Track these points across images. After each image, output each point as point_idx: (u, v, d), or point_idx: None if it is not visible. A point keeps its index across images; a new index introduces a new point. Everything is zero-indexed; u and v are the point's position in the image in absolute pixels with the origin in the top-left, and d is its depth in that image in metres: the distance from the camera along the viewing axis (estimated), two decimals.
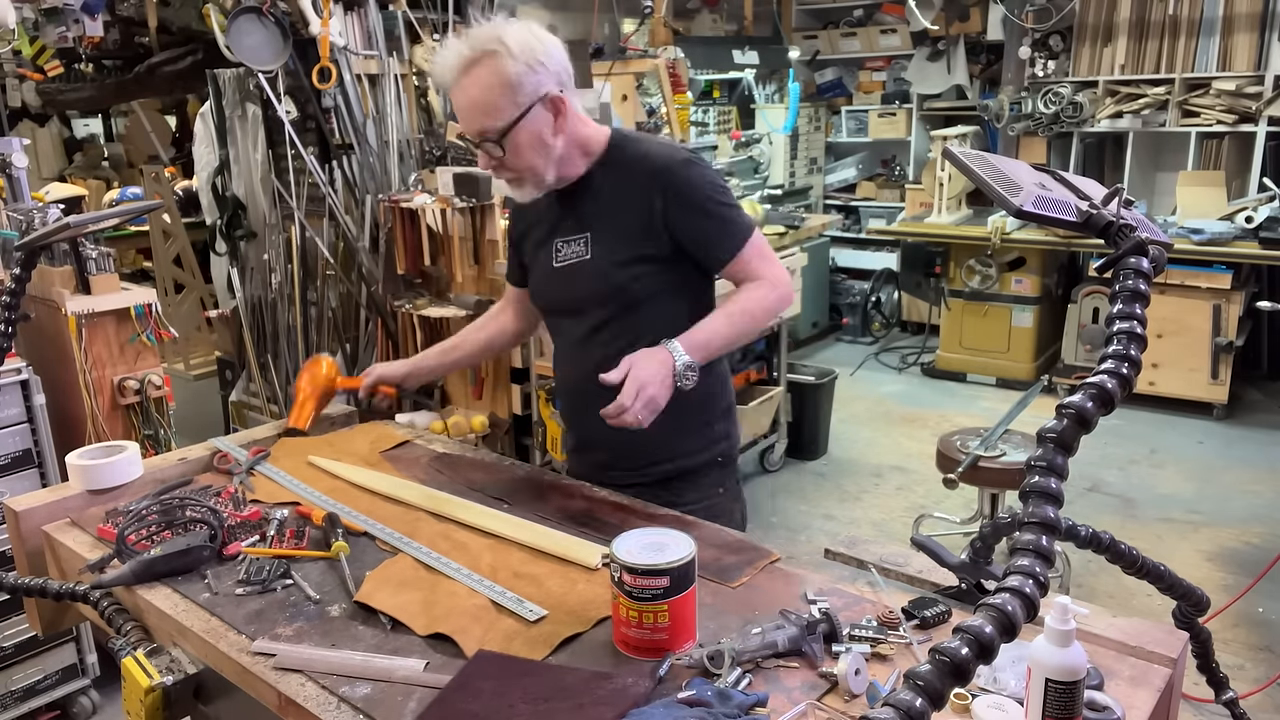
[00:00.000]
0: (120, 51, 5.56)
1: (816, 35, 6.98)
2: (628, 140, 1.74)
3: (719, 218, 1.67)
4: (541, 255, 1.78)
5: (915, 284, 6.32)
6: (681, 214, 1.65)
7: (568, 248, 1.74)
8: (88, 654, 2.75)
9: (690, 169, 1.66)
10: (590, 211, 1.71)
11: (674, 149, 1.71)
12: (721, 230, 1.67)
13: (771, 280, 1.68)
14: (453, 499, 1.65)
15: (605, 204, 1.70)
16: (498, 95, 1.58)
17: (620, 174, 1.69)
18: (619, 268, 1.68)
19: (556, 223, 1.76)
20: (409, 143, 3.84)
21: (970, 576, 1.29)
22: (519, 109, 1.59)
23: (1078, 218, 1.07)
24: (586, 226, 1.72)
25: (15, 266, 1.85)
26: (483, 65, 1.57)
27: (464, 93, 1.60)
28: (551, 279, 1.77)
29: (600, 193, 1.70)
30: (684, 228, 1.66)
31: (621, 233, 1.68)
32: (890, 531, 3.87)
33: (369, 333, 3.90)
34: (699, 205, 1.65)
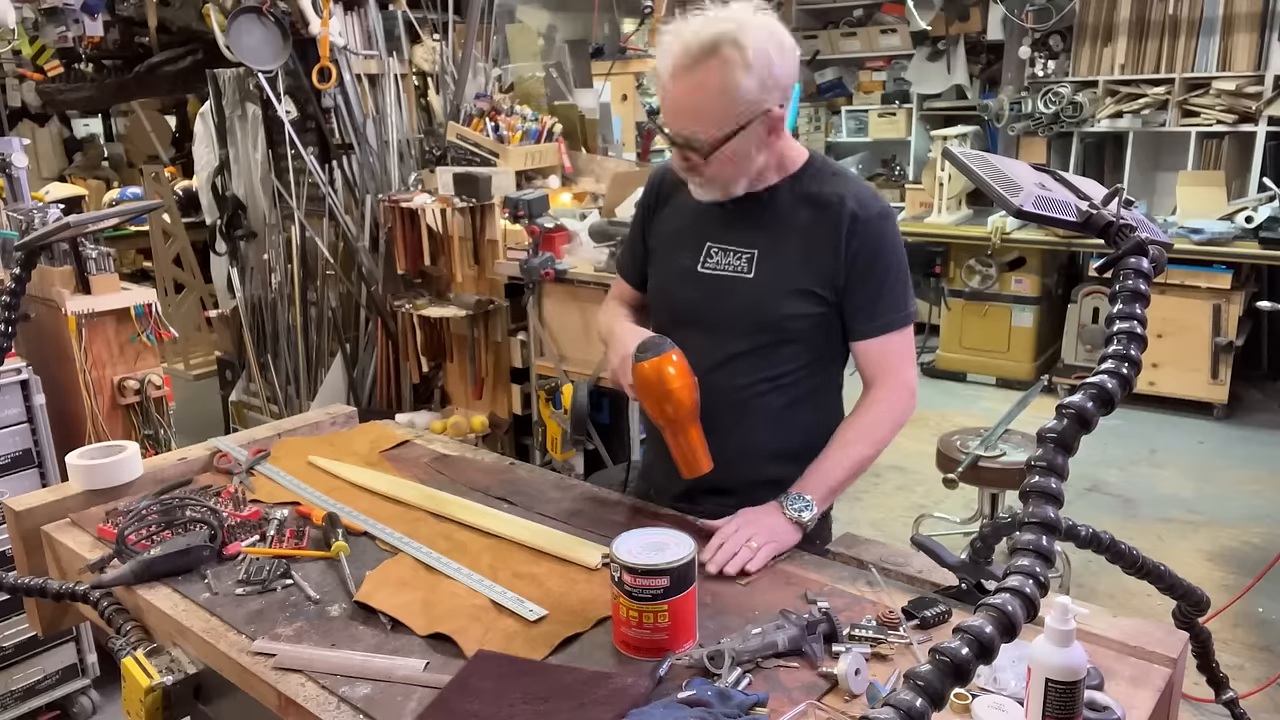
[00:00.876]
0: (120, 51, 5.55)
1: (816, 35, 6.98)
2: (830, 170, 1.58)
3: (890, 288, 1.53)
4: (682, 252, 1.62)
5: (915, 284, 6.31)
6: (862, 267, 1.51)
7: (723, 257, 1.57)
8: (88, 654, 2.74)
9: (889, 224, 1.53)
10: (762, 229, 1.55)
11: (875, 196, 1.56)
12: (886, 302, 1.53)
13: (901, 391, 1.55)
14: (453, 499, 1.65)
15: (786, 227, 1.54)
16: (720, 105, 1.41)
17: (812, 201, 1.53)
18: (783, 297, 1.53)
19: (715, 224, 1.59)
20: (409, 143, 3.84)
21: (970, 576, 1.29)
22: (736, 123, 1.43)
23: (1078, 218, 1.07)
24: (754, 243, 1.55)
25: (15, 266, 1.85)
26: (711, 68, 1.39)
27: (683, 91, 1.42)
28: (689, 283, 1.60)
29: (784, 213, 1.55)
30: (857, 282, 1.52)
31: (796, 262, 1.53)
32: (890, 531, 3.86)
33: (369, 333, 3.91)
34: (875, 266, 1.52)
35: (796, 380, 1.58)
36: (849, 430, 1.55)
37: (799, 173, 1.56)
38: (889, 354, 1.55)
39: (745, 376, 1.57)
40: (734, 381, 1.57)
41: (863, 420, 1.55)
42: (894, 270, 1.54)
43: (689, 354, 1.51)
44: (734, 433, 1.57)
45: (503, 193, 3.41)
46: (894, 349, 1.55)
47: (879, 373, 1.56)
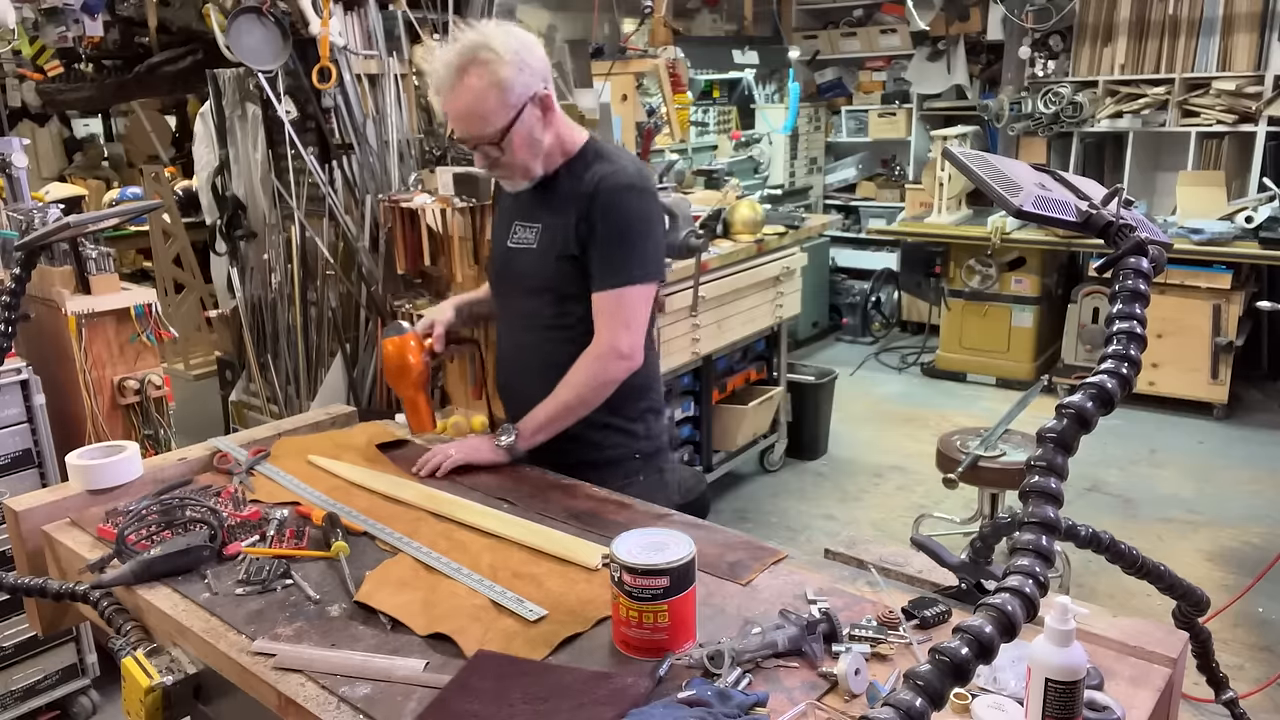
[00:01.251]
0: (120, 51, 5.55)
1: (816, 35, 6.98)
2: (598, 151, 1.82)
3: (611, 251, 1.74)
4: (501, 232, 1.91)
5: (915, 284, 6.32)
6: (591, 231, 1.74)
7: (523, 232, 1.86)
8: (88, 654, 2.74)
9: (624, 195, 1.74)
10: (545, 206, 1.82)
11: (627, 172, 1.76)
12: (604, 263, 1.75)
13: (602, 348, 1.76)
14: (453, 499, 1.65)
15: (557, 203, 1.79)
16: (492, 100, 1.65)
17: (576, 179, 1.78)
18: (554, 262, 1.79)
19: (520, 206, 1.87)
20: (409, 143, 3.84)
21: (970, 576, 1.29)
22: (512, 110, 1.67)
23: (1078, 218, 1.07)
24: (539, 219, 1.83)
25: (15, 266, 1.85)
26: (473, 72, 1.64)
27: (458, 101, 1.67)
28: (504, 256, 1.90)
29: (557, 192, 1.80)
30: (591, 243, 1.75)
31: (560, 232, 1.78)
32: (890, 531, 3.86)
33: (369, 333, 3.90)
34: (605, 231, 1.73)
35: (580, 333, 1.79)
36: (564, 379, 1.78)
37: (575, 157, 1.80)
38: (603, 311, 1.76)
39: (541, 331, 1.85)
40: (534, 336, 1.87)
41: (571, 374, 1.78)
42: (620, 235, 1.74)
43: (503, 316, 1.97)
44: (538, 380, 1.81)
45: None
46: (607, 307, 1.76)
47: (599, 326, 1.77)
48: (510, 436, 1.79)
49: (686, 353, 3.69)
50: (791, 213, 4.78)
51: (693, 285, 3.61)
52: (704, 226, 3.91)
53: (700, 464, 4.00)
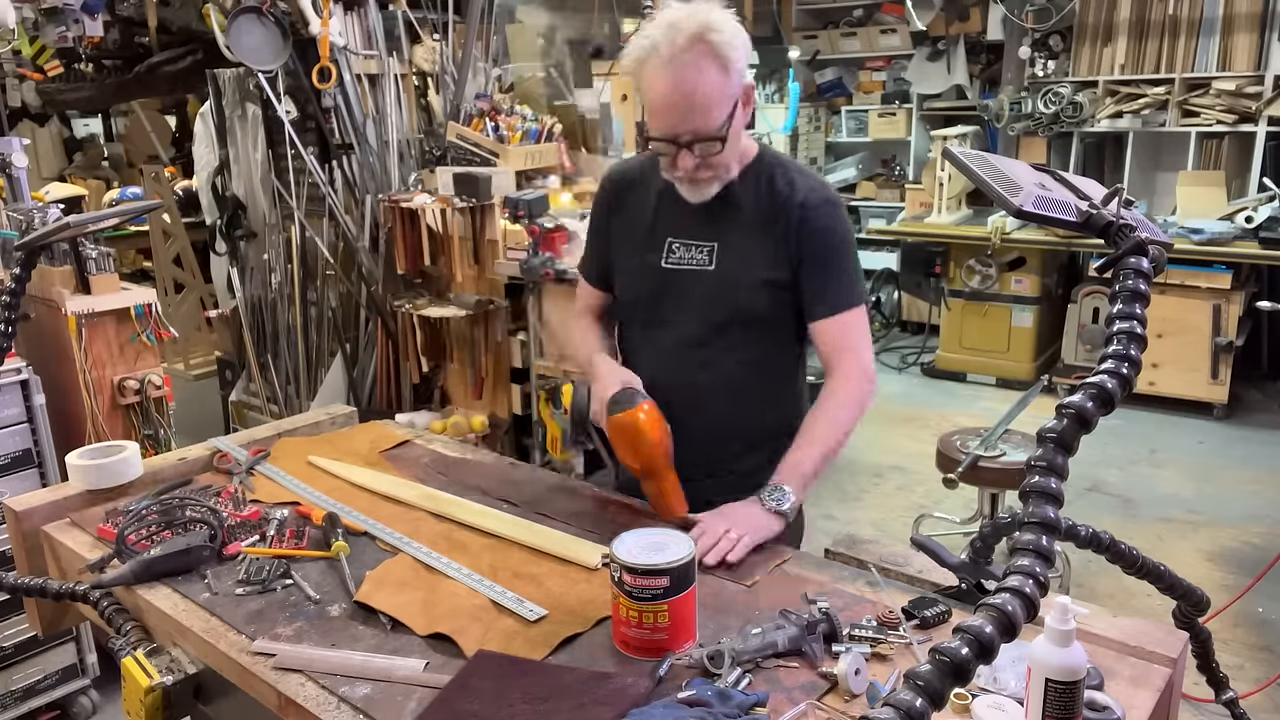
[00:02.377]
0: (120, 51, 5.55)
1: (816, 35, 6.97)
2: (777, 160, 1.63)
3: (839, 270, 1.58)
4: (645, 251, 1.65)
5: (915, 284, 6.32)
6: (812, 253, 1.57)
7: (685, 251, 1.62)
8: (88, 654, 2.74)
9: (835, 210, 1.58)
10: (721, 222, 1.60)
11: (823, 184, 1.62)
12: (835, 284, 1.58)
13: (861, 370, 1.58)
14: (453, 499, 1.65)
15: (742, 218, 1.59)
16: (721, 87, 1.44)
17: (762, 192, 1.59)
18: (746, 287, 1.58)
19: (675, 221, 1.63)
20: (409, 143, 3.84)
21: (970, 576, 1.29)
22: (733, 100, 1.46)
23: (1078, 218, 1.07)
24: (713, 237, 1.60)
25: (15, 266, 1.85)
26: (704, 54, 1.41)
27: (683, 85, 1.42)
28: (654, 279, 1.64)
29: (738, 205, 1.59)
30: (808, 267, 1.57)
31: (754, 252, 1.58)
32: (890, 531, 3.86)
33: (369, 333, 3.91)
34: (823, 250, 1.57)
35: (760, 368, 1.63)
36: (816, 421, 1.58)
37: (750, 166, 1.60)
38: (843, 334, 1.59)
39: (711, 366, 1.62)
40: (701, 371, 1.63)
41: (828, 409, 1.58)
42: (842, 254, 1.59)
43: (655, 346, 1.66)
44: (703, 420, 1.62)
45: (503, 193, 3.41)
46: (847, 329, 1.59)
47: (835, 354, 1.59)
48: (787, 501, 1.50)
49: None
50: None
51: None
52: None
53: None
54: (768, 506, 1.49)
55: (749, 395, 1.64)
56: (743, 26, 1.47)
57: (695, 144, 1.47)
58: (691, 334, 1.63)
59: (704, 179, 1.54)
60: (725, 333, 1.61)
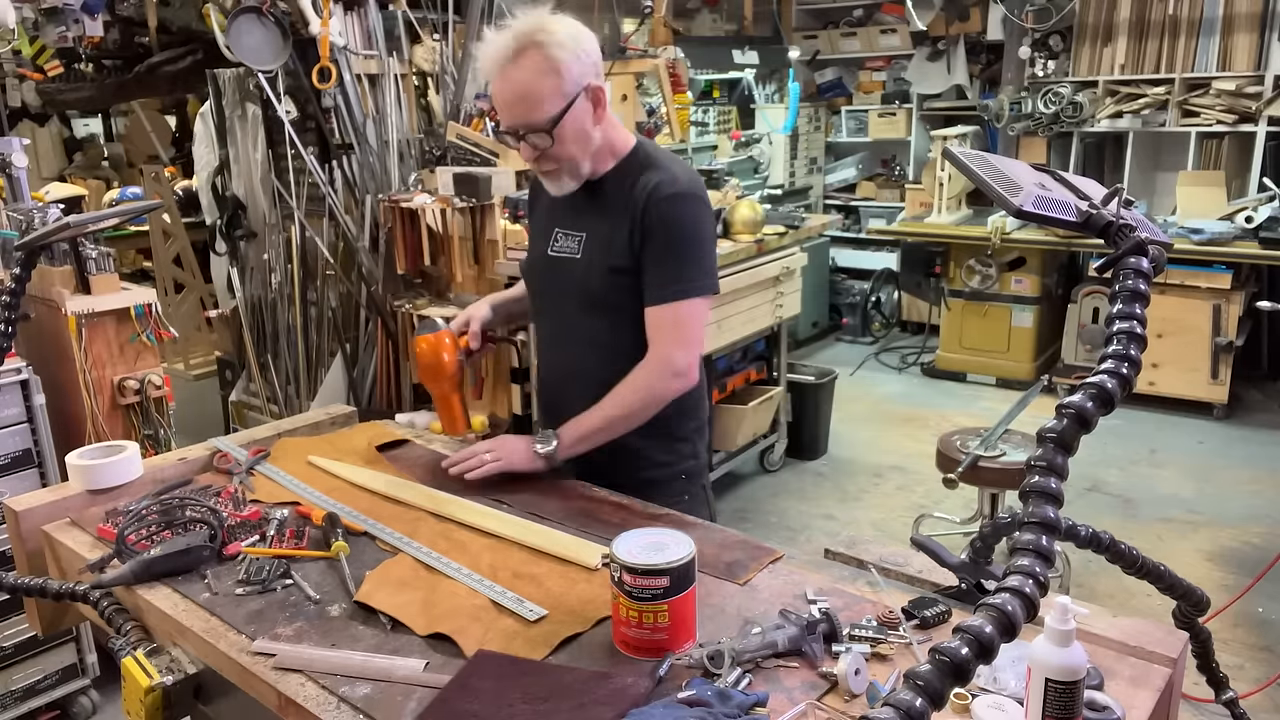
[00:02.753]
0: (120, 51, 5.55)
1: (816, 35, 6.98)
2: (647, 155, 1.72)
3: (668, 262, 1.66)
4: (539, 240, 1.83)
5: (915, 284, 6.33)
6: (645, 241, 1.66)
7: (564, 240, 1.78)
8: (88, 654, 2.74)
9: (677, 202, 1.65)
10: (591, 213, 1.73)
11: (680, 179, 1.68)
12: (659, 275, 1.66)
13: (658, 363, 1.67)
14: (453, 499, 1.65)
15: (604, 209, 1.71)
16: (547, 84, 1.57)
17: (625, 185, 1.69)
18: (600, 274, 1.70)
19: (560, 213, 1.79)
20: (409, 143, 3.84)
21: (970, 576, 1.29)
22: (566, 99, 1.59)
23: (1078, 218, 1.07)
24: (584, 227, 1.75)
25: (15, 266, 1.85)
26: (529, 55, 1.56)
27: (510, 84, 1.58)
28: (544, 265, 1.82)
29: (604, 198, 1.71)
30: (646, 255, 1.67)
31: (609, 241, 1.70)
32: (890, 531, 3.86)
33: (369, 333, 3.90)
34: (660, 241, 1.65)
35: (625, 350, 1.70)
36: (612, 393, 1.70)
37: (623, 161, 1.72)
38: (659, 324, 1.68)
39: (584, 346, 1.78)
40: (577, 351, 1.79)
41: (623, 386, 1.69)
42: (679, 244, 1.66)
43: (543, 328, 1.89)
44: (579, 399, 1.73)
45: (503, 193, 3.41)
46: (663, 321, 1.67)
47: (652, 341, 1.69)
48: (551, 445, 1.69)
49: None
50: (791, 213, 4.78)
51: None
52: None
53: None
54: (536, 446, 1.70)
55: (610, 376, 1.72)
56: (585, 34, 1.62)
57: (526, 135, 1.61)
58: (564, 317, 1.80)
59: (548, 171, 1.68)
60: (588, 316, 1.75)
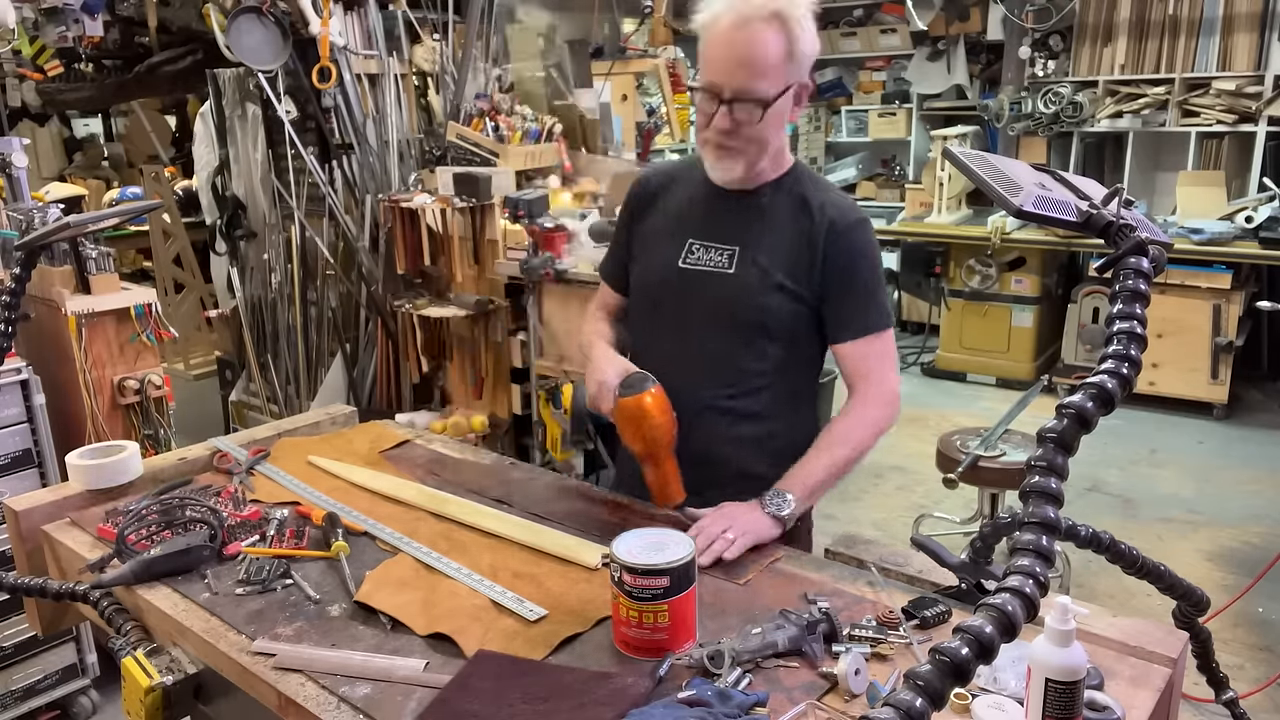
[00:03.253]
0: (120, 51, 5.55)
1: None
2: (810, 176, 1.64)
3: (865, 293, 1.59)
4: (665, 249, 1.65)
5: (915, 284, 6.32)
6: (837, 272, 1.57)
7: (705, 253, 1.61)
8: (88, 654, 2.74)
9: (862, 232, 1.59)
10: (744, 226, 1.60)
11: (853, 204, 1.63)
12: (863, 307, 1.59)
13: (883, 394, 1.58)
14: (453, 499, 1.65)
15: (768, 226, 1.59)
16: (778, 62, 1.47)
17: (794, 205, 1.59)
18: (761, 290, 1.57)
19: (698, 222, 1.64)
20: (409, 143, 3.84)
21: (970, 576, 1.29)
22: (785, 84, 1.49)
23: (1078, 218, 1.07)
24: (735, 240, 1.60)
25: (15, 266, 1.85)
26: (774, 25, 1.46)
27: (746, 43, 1.46)
28: (670, 278, 1.64)
29: (767, 213, 1.60)
30: (832, 286, 1.57)
31: (775, 260, 1.57)
32: (890, 531, 3.86)
33: (369, 333, 3.91)
34: (853, 272, 1.57)
35: (774, 380, 1.62)
36: (831, 433, 1.58)
37: (783, 176, 1.61)
38: (870, 357, 1.59)
39: (724, 374, 1.61)
40: (713, 379, 1.61)
41: (845, 424, 1.58)
42: (871, 276, 1.60)
43: (658, 351, 1.64)
44: (714, 431, 1.61)
45: (503, 193, 3.41)
46: (874, 352, 1.59)
47: (860, 377, 1.60)
48: (788, 507, 1.49)
49: None
50: None
51: None
52: None
53: None
54: (768, 510, 1.49)
55: (741, 406, 1.62)
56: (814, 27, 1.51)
57: (735, 103, 1.48)
58: (697, 336, 1.62)
59: (732, 148, 1.53)
60: (730, 337, 1.60)
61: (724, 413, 1.61)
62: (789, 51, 1.47)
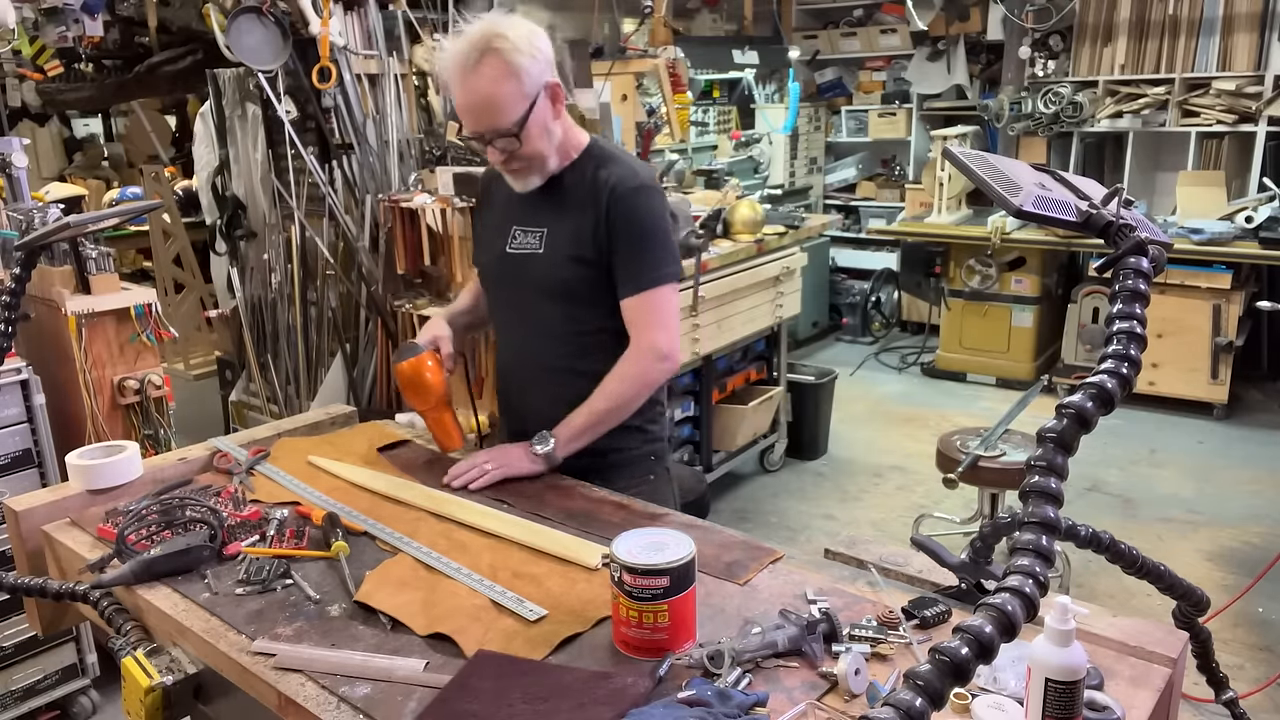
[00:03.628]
0: (120, 51, 5.56)
1: (816, 35, 6.98)
2: (602, 152, 1.79)
3: (639, 253, 1.73)
4: (497, 239, 1.85)
5: (915, 284, 6.33)
6: (612, 235, 1.72)
7: (524, 237, 1.81)
8: (88, 654, 2.75)
9: (639, 196, 1.72)
10: (550, 209, 1.78)
11: (636, 172, 1.75)
12: (635, 265, 1.73)
13: (644, 350, 1.74)
14: (453, 499, 1.65)
15: (563, 204, 1.76)
16: (509, 89, 1.61)
17: (583, 181, 1.75)
18: (563, 265, 1.75)
19: (517, 211, 1.82)
20: (409, 143, 3.84)
21: (970, 576, 1.29)
22: (528, 100, 1.63)
23: (1078, 218, 1.07)
24: (544, 223, 1.79)
25: (15, 266, 1.85)
26: (488, 62, 1.60)
27: (474, 93, 1.62)
28: (503, 263, 1.84)
29: (563, 193, 1.77)
30: (616, 247, 1.72)
31: (571, 235, 1.75)
32: (890, 531, 3.86)
33: (369, 333, 3.91)
34: (628, 233, 1.72)
35: (587, 341, 1.79)
36: (598, 390, 1.76)
37: (579, 158, 1.78)
38: (641, 312, 1.74)
39: (547, 340, 1.82)
40: (540, 345, 1.83)
41: (608, 382, 1.75)
42: (647, 236, 1.73)
43: (504, 324, 1.93)
44: (543, 391, 1.83)
45: None
46: (646, 307, 1.74)
47: (632, 330, 1.75)
48: (548, 445, 1.73)
49: (687, 352, 3.69)
50: (791, 213, 4.78)
51: (693, 285, 3.61)
52: (704, 226, 3.91)
53: (700, 464, 4.00)
54: (533, 449, 1.74)
55: (577, 367, 1.79)
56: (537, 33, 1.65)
57: (496, 140, 1.65)
58: (528, 312, 1.83)
59: (516, 169, 1.72)
60: (552, 309, 1.79)
61: (561, 372, 1.81)
62: (513, 75, 1.60)
